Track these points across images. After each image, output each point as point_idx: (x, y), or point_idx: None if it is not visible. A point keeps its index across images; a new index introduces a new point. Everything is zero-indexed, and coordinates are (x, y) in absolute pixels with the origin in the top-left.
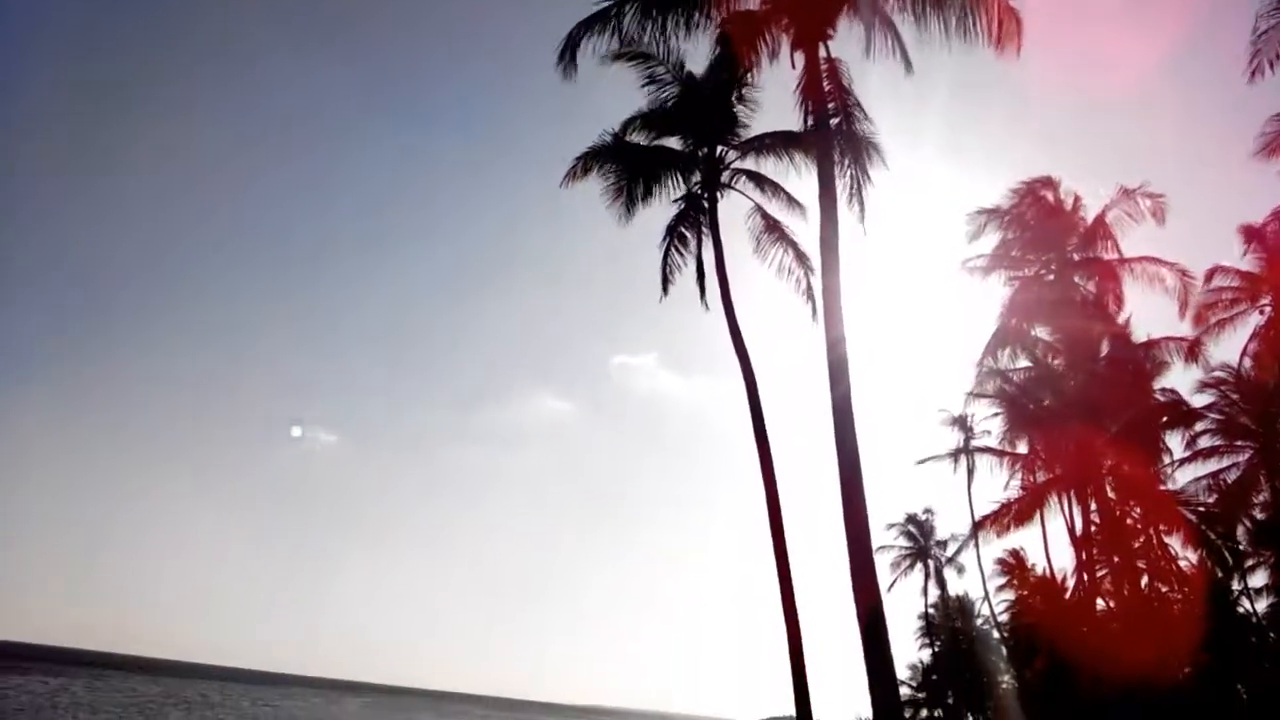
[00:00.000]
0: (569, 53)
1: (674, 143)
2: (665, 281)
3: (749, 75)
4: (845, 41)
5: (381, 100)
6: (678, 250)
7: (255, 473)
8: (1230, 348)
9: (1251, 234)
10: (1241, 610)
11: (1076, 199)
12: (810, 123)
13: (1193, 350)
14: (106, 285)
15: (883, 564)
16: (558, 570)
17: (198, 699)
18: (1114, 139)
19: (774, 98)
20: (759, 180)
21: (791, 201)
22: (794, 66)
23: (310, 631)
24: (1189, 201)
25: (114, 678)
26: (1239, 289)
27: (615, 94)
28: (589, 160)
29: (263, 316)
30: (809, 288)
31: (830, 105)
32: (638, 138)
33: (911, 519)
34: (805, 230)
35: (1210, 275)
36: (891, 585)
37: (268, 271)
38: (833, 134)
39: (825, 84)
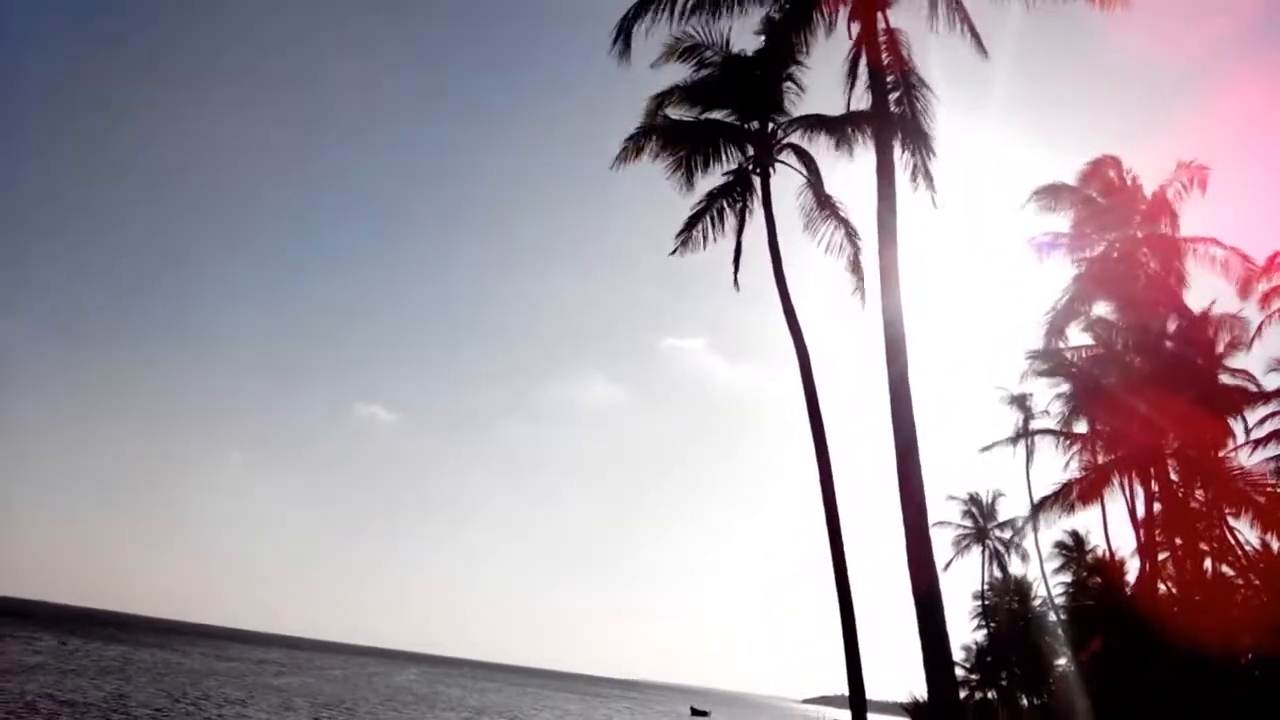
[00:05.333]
0: (623, 38)
1: (720, 116)
2: (686, 240)
3: (802, 48)
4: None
5: (439, 90)
6: (714, 221)
7: (318, 450)
8: None
9: None
10: None
11: (1135, 178)
12: (869, 97)
13: (1256, 334)
14: (168, 263)
15: (941, 542)
16: (607, 548)
17: (289, 665)
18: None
19: (828, 76)
20: (809, 157)
21: (845, 177)
22: (850, 37)
23: (364, 603)
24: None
25: (176, 642)
26: None
27: (667, 76)
28: (640, 140)
29: (326, 298)
30: (859, 267)
31: (890, 78)
32: (679, 112)
33: (973, 498)
34: (859, 206)
35: (1272, 260)
36: (949, 565)
37: (332, 255)
38: (890, 110)
39: (884, 55)
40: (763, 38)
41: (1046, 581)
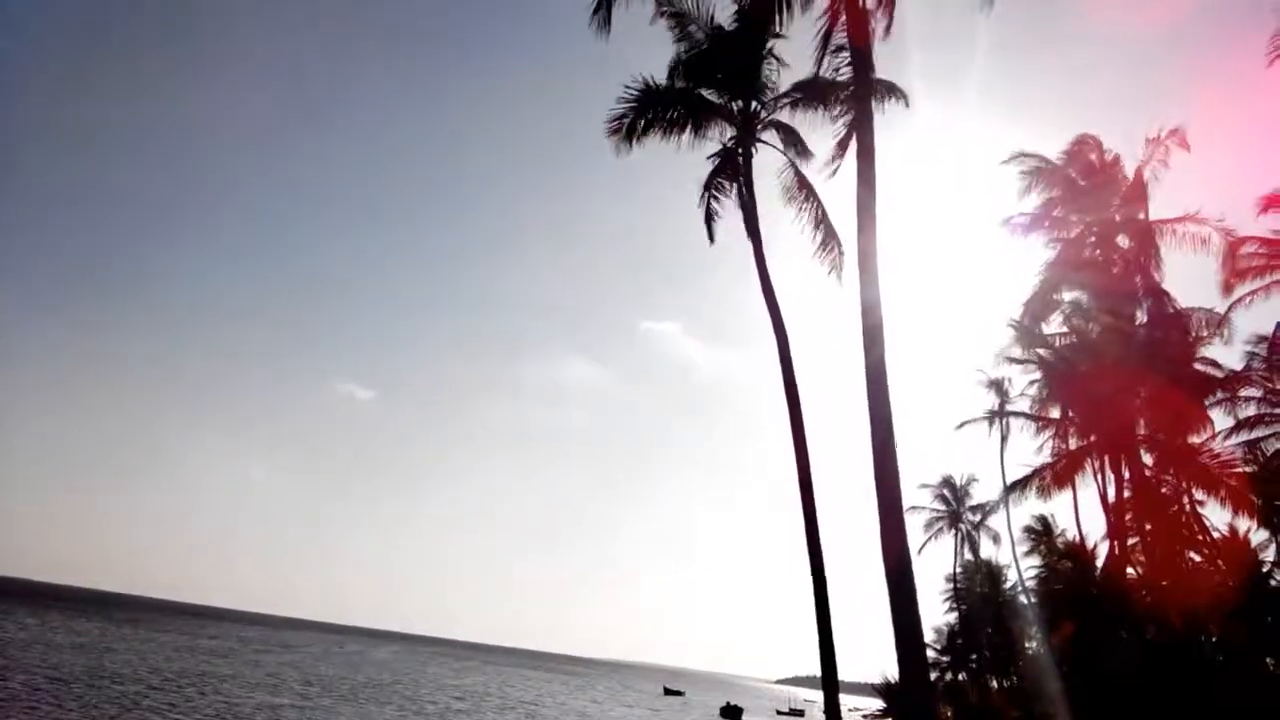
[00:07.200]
0: (604, 8)
1: (709, 95)
2: (710, 231)
3: (781, 23)
4: None
5: (416, 72)
6: (715, 199)
7: (295, 427)
8: (1263, 317)
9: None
10: (1274, 583)
11: (1116, 157)
12: (847, 69)
13: (1221, 324)
14: (146, 242)
15: (914, 525)
16: (583, 527)
17: (269, 642)
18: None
19: (809, 53)
20: (792, 135)
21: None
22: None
23: (341, 581)
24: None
25: (154, 619)
26: (1268, 256)
27: (654, 58)
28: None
29: (304, 277)
30: (835, 248)
31: (868, 46)
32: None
33: (946, 481)
34: (838, 186)
35: (1238, 245)
36: (922, 547)
37: (310, 235)
38: (871, 88)
39: (865, 22)
40: (740, 19)
41: (1018, 565)
